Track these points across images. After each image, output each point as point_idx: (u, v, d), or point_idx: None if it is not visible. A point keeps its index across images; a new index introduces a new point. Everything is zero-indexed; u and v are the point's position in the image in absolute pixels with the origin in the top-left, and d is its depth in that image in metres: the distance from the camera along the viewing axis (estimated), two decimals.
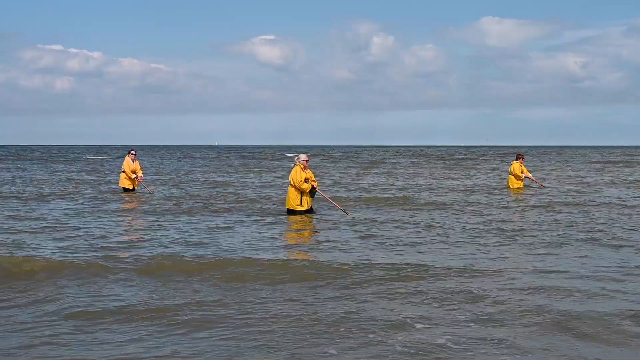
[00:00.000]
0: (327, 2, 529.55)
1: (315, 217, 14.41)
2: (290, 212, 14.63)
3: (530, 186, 21.88)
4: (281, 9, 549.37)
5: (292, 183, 14.44)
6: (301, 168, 14.43)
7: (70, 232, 12.13)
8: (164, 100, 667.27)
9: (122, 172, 20.54)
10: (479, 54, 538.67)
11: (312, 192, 14.63)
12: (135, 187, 20.56)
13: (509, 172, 21.99)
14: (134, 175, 20.24)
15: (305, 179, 14.39)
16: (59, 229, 12.65)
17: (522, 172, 21.22)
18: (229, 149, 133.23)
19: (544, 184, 22.74)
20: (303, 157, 14.65)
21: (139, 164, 20.78)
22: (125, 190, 20.46)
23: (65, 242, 10.87)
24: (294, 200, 14.56)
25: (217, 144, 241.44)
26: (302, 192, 14.47)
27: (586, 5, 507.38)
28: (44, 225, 13.16)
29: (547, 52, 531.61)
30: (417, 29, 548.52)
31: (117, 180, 22.61)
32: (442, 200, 18.02)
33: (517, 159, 21.31)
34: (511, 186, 21.34)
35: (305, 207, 14.58)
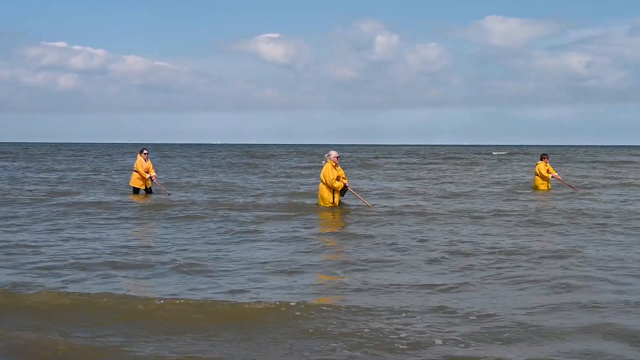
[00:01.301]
0: (331, 0, 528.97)
1: (347, 220, 13.74)
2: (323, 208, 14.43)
3: (559, 186, 21.16)
4: (285, 7, 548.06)
5: (324, 181, 14.06)
6: (332, 165, 14.08)
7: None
8: (167, 98, 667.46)
9: (135, 171, 19.82)
10: (483, 52, 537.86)
11: (343, 190, 14.31)
12: (149, 187, 19.82)
13: (534, 173, 21.31)
14: (147, 175, 19.54)
15: (337, 177, 13.96)
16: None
17: (547, 172, 20.53)
18: (231, 147, 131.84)
19: (575, 187, 21.44)
20: (334, 154, 14.31)
21: (151, 163, 20.09)
22: (136, 190, 19.71)
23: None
24: (326, 198, 14.26)
25: (218, 142, 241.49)
26: (333, 190, 14.10)
27: (590, 5, 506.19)
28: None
29: (550, 51, 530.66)
30: (421, 28, 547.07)
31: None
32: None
33: (541, 159, 20.64)
34: (537, 187, 20.68)
35: (336, 204, 14.38)
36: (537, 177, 20.81)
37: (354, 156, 66.15)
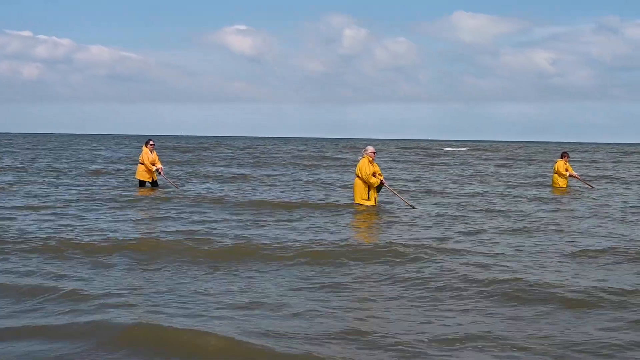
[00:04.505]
0: None
1: (382, 215, 13.06)
2: (359, 206, 13.70)
3: (574, 185, 20.77)
4: None
5: (360, 176, 13.47)
6: (369, 161, 13.50)
7: None
8: (134, 89, 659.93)
9: (140, 163, 18.81)
10: (451, 48, 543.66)
11: (379, 186, 13.71)
12: (155, 180, 18.86)
13: (553, 170, 20.91)
14: (154, 168, 18.57)
15: (373, 172, 13.42)
16: None
17: (566, 171, 20.15)
18: (201, 139, 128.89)
19: (592, 185, 21.18)
20: (370, 149, 13.70)
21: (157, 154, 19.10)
22: (141, 183, 18.73)
23: None
24: (361, 194, 13.64)
25: (183, 134, 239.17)
26: (369, 186, 13.50)
27: (557, 2, 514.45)
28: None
29: (517, 48, 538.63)
30: (389, 23, 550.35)
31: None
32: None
33: (561, 157, 20.27)
34: (555, 185, 20.29)
35: (372, 202, 13.67)
36: (555, 175, 20.45)
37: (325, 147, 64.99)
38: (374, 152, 13.60)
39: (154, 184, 18.74)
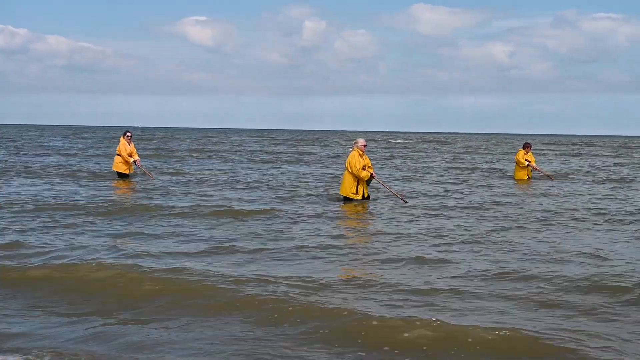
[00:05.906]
0: None
1: (371, 209, 13.41)
2: (347, 199, 13.79)
3: (537, 177, 21.44)
4: None
5: (350, 170, 13.54)
6: (359, 154, 13.56)
7: None
8: (92, 79, 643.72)
9: (117, 155, 18.96)
10: (410, 40, 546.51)
11: (369, 180, 13.80)
12: (131, 172, 19.06)
13: (514, 162, 21.50)
14: (131, 159, 18.76)
15: (363, 166, 13.53)
16: None
17: (526, 161, 20.58)
18: (156, 130, 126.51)
19: (551, 175, 21.76)
20: (361, 141, 13.69)
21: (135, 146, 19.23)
22: (120, 175, 18.89)
23: None
24: (349, 187, 13.69)
25: (139, 125, 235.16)
26: (358, 179, 13.60)
27: None
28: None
29: (476, 40, 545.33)
30: (349, 15, 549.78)
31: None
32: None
33: (523, 148, 20.68)
34: (517, 177, 20.68)
35: (360, 196, 13.72)
36: (516, 166, 21.01)
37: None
38: (365, 145, 13.56)
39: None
